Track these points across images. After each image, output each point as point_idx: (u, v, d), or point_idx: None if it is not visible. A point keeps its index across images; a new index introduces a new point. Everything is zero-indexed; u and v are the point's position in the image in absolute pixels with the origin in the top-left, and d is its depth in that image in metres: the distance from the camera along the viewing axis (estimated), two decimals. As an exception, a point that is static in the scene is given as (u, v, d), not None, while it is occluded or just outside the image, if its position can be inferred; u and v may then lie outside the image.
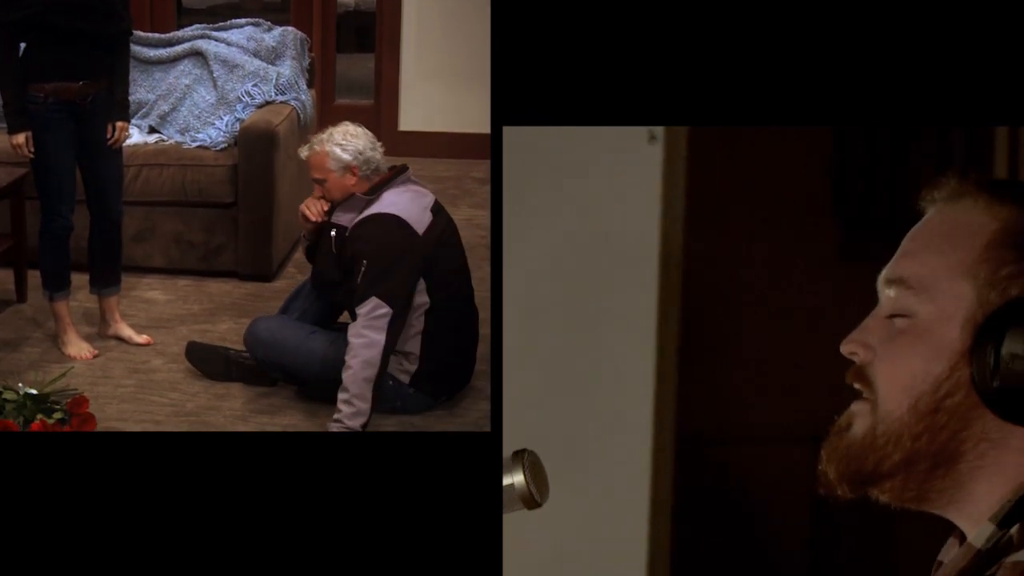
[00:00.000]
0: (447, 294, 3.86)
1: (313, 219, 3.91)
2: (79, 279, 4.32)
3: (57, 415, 3.66)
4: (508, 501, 1.42)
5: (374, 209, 3.82)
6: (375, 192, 3.85)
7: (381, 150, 3.91)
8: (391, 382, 3.80)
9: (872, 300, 1.29)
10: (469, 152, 6.53)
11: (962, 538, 1.26)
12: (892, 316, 1.25)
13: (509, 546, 2.70)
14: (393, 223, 3.78)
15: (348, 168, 3.83)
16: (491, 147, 2.71)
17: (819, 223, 3.06)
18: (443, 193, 4.90)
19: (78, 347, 4.23)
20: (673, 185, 2.89)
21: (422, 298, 3.80)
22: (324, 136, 3.89)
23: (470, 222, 5.49)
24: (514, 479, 1.42)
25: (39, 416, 3.64)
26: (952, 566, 1.21)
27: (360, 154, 3.83)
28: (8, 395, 3.71)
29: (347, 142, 3.84)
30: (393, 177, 3.88)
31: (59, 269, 4.21)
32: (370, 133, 3.92)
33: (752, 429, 3.03)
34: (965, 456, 1.20)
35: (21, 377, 3.89)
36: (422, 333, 3.82)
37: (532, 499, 1.42)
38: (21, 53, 3.99)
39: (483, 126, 4.01)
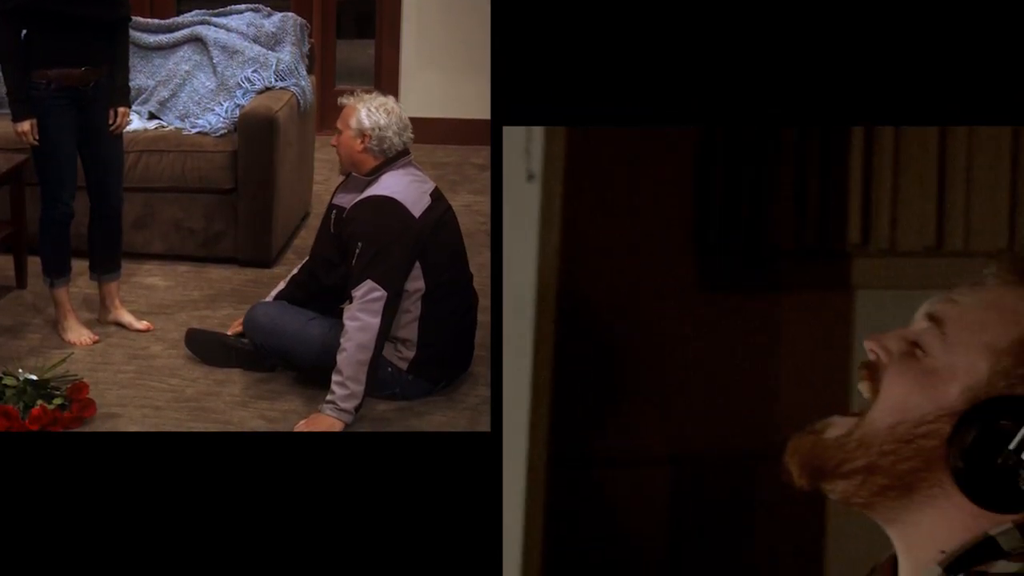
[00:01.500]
0: (443, 280, 3.87)
1: None
2: (79, 265, 4.33)
3: (57, 401, 3.67)
4: None
5: (371, 191, 3.83)
6: (376, 173, 3.86)
7: (405, 137, 3.92)
8: (389, 369, 3.80)
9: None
10: (469, 138, 6.53)
11: (892, 568, 1.35)
12: (914, 344, 1.31)
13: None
14: (390, 206, 3.79)
15: (361, 133, 3.86)
16: (491, 148, 2.71)
17: (683, 254, 3.11)
18: (443, 179, 4.90)
19: (78, 333, 4.23)
20: (549, 220, 2.98)
21: (418, 283, 3.80)
22: (366, 96, 3.95)
23: (470, 208, 5.49)
24: None
25: (39, 402, 3.65)
26: None
27: (378, 128, 3.86)
28: (8, 381, 3.72)
29: (375, 112, 3.88)
30: (394, 159, 3.89)
31: (59, 255, 4.21)
32: (406, 119, 3.94)
33: (619, 452, 3.08)
34: (919, 490, 1.28)
35: (21, 363, 3.90)
36: (419, 319, 3.83)
37: None
38: (22, 40, 3.99)
39: (483, 112, 4.01)
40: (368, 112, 3.88)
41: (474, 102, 6.39)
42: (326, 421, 3.62)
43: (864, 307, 3.02)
